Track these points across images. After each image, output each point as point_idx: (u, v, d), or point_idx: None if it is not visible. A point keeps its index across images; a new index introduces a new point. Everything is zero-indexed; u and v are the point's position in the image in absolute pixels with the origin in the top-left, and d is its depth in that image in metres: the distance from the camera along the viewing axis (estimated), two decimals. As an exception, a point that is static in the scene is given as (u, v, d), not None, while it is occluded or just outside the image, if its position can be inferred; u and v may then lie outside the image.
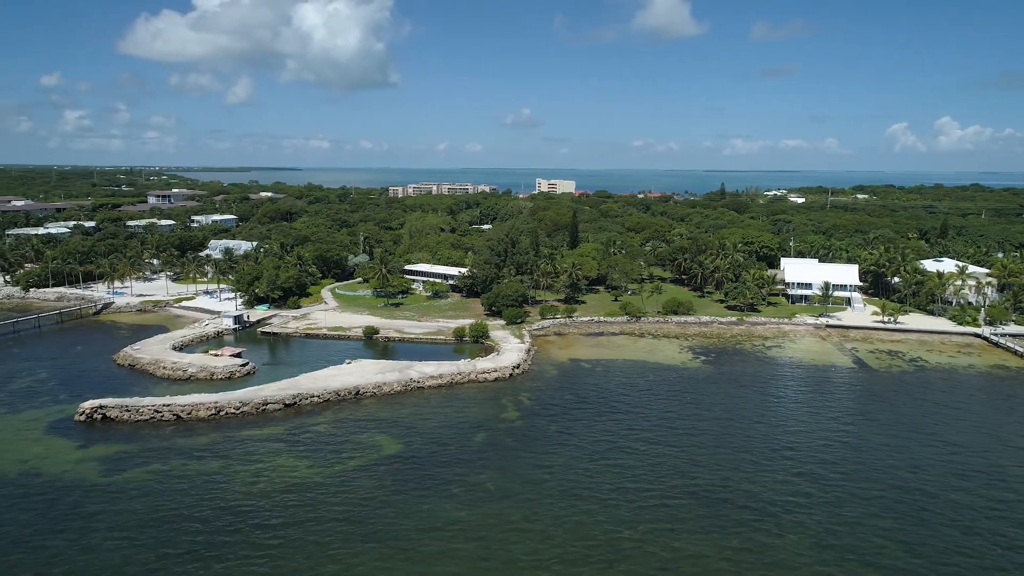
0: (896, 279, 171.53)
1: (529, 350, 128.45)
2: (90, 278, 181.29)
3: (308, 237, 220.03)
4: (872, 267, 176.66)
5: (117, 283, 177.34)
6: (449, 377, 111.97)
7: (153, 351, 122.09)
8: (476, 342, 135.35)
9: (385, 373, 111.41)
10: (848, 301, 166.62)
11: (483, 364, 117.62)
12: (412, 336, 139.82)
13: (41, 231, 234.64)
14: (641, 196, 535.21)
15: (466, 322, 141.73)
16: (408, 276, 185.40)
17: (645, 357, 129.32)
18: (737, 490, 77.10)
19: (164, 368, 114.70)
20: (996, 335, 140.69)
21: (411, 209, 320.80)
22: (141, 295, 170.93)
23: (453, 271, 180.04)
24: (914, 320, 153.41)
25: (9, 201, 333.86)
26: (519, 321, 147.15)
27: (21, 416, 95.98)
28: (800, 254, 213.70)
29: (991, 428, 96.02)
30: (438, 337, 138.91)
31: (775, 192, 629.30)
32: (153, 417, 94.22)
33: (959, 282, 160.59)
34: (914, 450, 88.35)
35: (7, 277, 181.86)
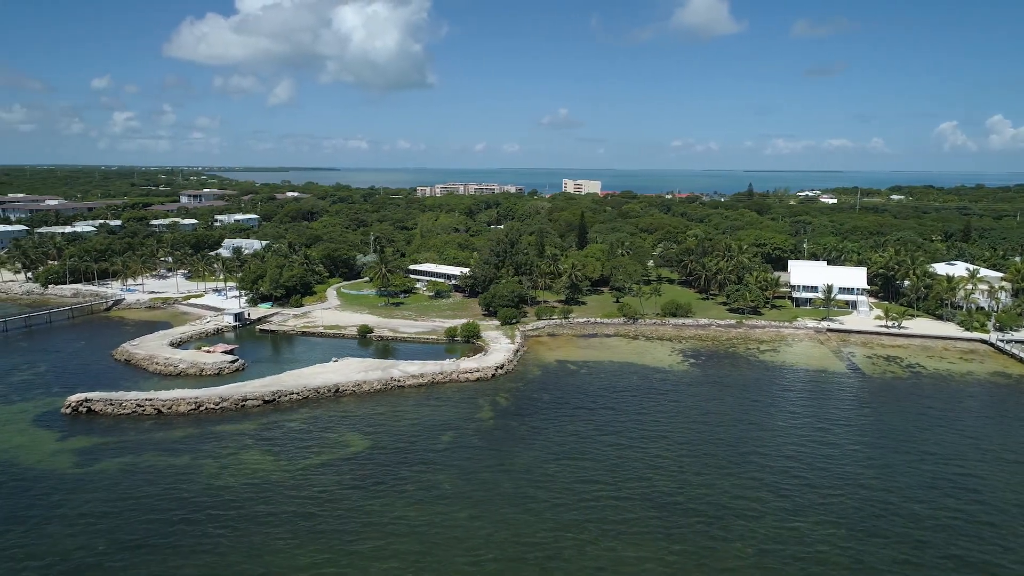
0: (907, 282, 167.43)
1: (517, 350, 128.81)
2: (106, 275, 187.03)
3: (320, 236, 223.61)
4: (882, 270, 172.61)
5: (132, 280, 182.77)
6: (430, 376, 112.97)
7: (150, 347, 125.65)
8: (467, 342, 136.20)
9: (368, 371, 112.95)
10: (854, 305, 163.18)
11: (467, 364, 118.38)
12: (405, 335, 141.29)
13: (68, 229, 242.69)
14: (669, 196, 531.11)
15: (459, 322, 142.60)
16: (413, 276, 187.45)
17: (633, 359, 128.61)
18: (693, 493, 76.56)
19: (157, 364, 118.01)
20: (1003, 341, 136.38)
21: (429, 209, 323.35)
22: (152, 292, 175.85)
23: (455, 271, 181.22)
24: (920, 325, 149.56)
25: (43, 200, 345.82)
26: (514, 321, 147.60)
27: (13, 407, 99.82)
28: (813, 256, 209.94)
29: (973, 437, 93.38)
30: (430, 337, 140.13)
31: (807, 193, 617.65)
32: (135, 411, 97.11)
33: (970, 286, 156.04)
34: (886, 457, 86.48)
35: (28, 274, 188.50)
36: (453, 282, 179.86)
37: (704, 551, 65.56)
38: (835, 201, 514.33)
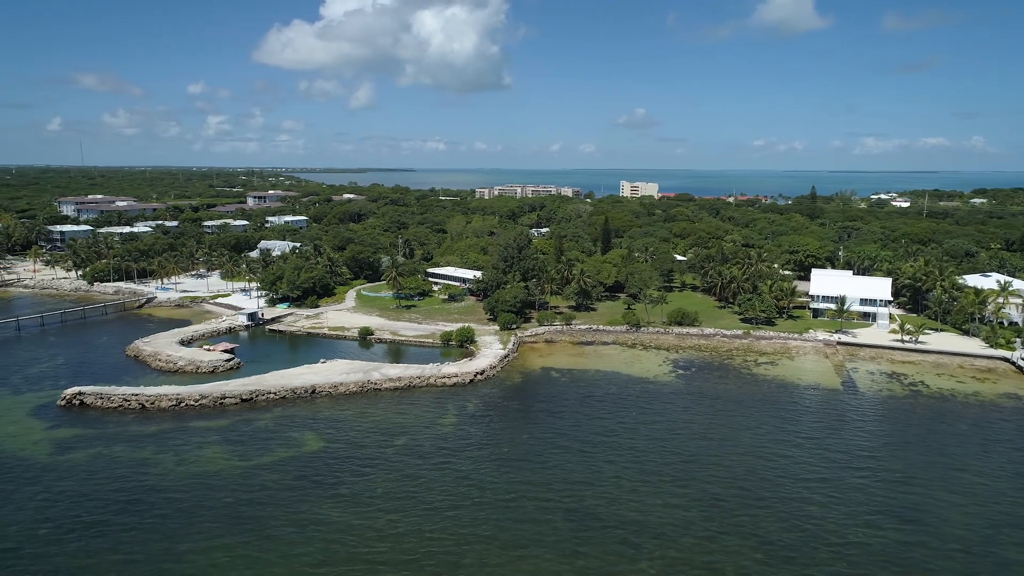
0: (944, 295, 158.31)
1: (506, 356, 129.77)
2: (145, 274, 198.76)
3: (353, 238, 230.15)
4: (908, 281, 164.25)
5: (167, 279, 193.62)
6: (408, 380, 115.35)
7: (158, 344, 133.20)
8: (461, 346, 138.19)
9: (349, 374, 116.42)
10: (874, 317, 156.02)
11: (448, 369, 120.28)
12: (404, 338, 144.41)
13: (126, 229, 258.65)
14: (731, 199, 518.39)
15: (454, 326, 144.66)
16: (431, 279, 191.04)
17: (621, 368, 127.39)
18: (621, 507, 75.85)
19: (159, 360, 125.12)
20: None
21: (474, 212, 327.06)
22: (185, 291, 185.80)
23: (469, 275, 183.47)
24: (940, 340, 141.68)
25: (113, 202, 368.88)
26: (513, 327, 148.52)
27: (19, 398, 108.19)
28: (848, 264, 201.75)
29: (946, 461, 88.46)
30: (427, 340, 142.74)
31: (879, 196, 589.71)
32: (121, 405, 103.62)
33: (1000, 300, 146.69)
34: (840, 480, 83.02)
35: (78, 271, 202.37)
36: (467, 286, 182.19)
37: (605, 568, 65.17)
38: (907, 204, 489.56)
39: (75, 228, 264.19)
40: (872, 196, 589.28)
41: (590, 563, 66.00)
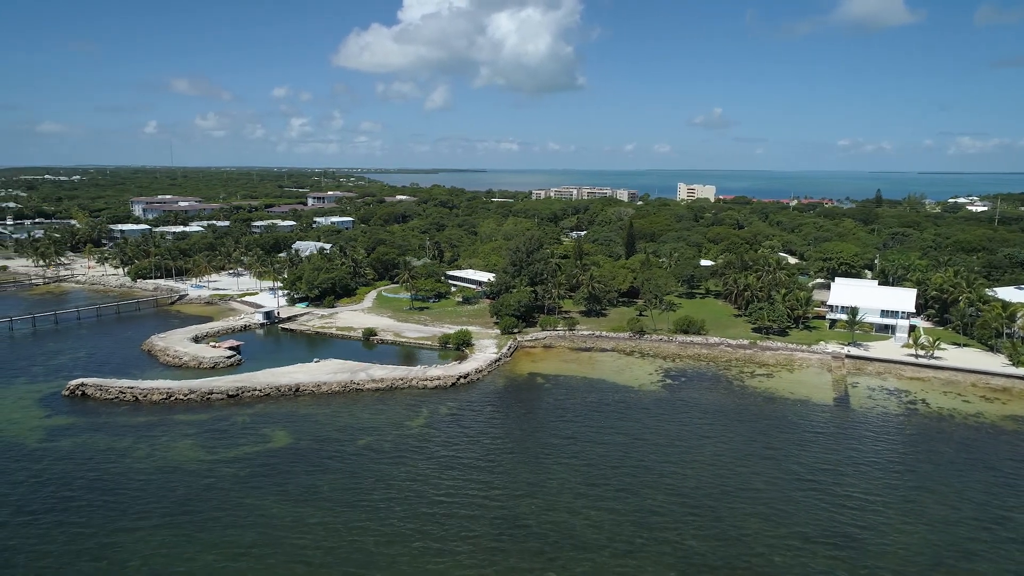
0: (968, 307, 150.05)
1: (498, 360, 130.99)
2: (184, 272, 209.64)
3: (384, 240, 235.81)
4: (936, 292, 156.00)
5: (210, 276, 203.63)
6: (391, 382, 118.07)
7: (171, 340, 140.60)
8: (458, 349, 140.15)
9: (337, 373, 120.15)
10: (893, 329, 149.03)
11: (432, 372, 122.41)
12: (405, 340, 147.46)
13: (179, 229, 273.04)
14: (792, 203, 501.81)
15: (452, 329, 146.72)
16: (450, 281, 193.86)
17: (609, 376, 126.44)
18: (552, 517, 75.94)
19: (167, 356, 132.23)
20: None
21: (515, 214, 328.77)
22: (216, 289, 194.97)
23: (484, 277, 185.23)
24: (960, 356, 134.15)
25: (176, 202, 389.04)
26: (514, 331, 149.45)
27: (32, 386, 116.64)
28: (883, 273, 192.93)
29: (914, 484, 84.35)
30: (426, 342, 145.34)
31: (955, 199, 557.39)
32: (117, 397, 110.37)
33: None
34: (789, 497, 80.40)
35: (124, 268, 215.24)
36: (482, 288, 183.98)
37: None
38: (984, 209, 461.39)
39: (134, 227, 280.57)
40: (950, 200, 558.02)
41: (500, 571, 66.61)
